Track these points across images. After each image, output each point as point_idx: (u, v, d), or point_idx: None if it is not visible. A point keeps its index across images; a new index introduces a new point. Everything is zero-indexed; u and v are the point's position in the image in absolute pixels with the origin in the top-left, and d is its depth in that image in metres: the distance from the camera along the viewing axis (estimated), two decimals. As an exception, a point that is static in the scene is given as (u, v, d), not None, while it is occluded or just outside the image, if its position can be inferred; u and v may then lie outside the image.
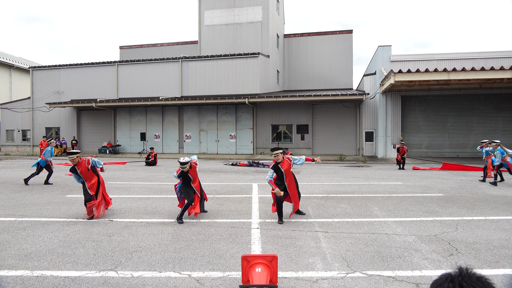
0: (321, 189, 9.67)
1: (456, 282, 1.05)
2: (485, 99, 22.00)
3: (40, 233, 5.29)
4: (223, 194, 8.88)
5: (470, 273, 1.07)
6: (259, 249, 4.58)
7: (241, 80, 25.07)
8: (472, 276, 1.06)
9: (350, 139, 24.28)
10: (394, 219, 6.18)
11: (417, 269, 3.88)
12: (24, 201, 7.91)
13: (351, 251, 4.48)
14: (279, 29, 31.26)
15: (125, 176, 12.95)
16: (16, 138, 29.95)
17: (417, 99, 22.52)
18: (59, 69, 28.65)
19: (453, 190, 9.39)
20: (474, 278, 1.06)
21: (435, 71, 17.70)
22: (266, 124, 25.36)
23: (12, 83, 35.38)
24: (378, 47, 22.46)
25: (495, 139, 22.02)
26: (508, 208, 7.05)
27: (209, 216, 6.41)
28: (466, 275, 1.07)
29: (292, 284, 3.51)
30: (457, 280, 1.06)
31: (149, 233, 5.28)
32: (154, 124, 27.10)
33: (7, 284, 3.48)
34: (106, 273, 3.77)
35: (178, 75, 26.22)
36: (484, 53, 21.37)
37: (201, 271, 3.82)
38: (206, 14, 29.08)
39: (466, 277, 1.06)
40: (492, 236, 5.09)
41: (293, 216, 6.40)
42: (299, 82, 31.95)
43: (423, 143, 22.71)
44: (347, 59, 31.31)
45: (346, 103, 23.86)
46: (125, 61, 27.60)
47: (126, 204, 7.55)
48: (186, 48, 33.08)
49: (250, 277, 3.21)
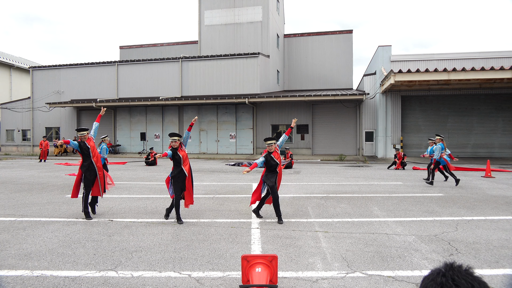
0: (321, 189, 9.67)
1: (448, 276, 1.10)
2: (485, 99, 22.00)
3: (40, 233, 5.29)
4: (223, 194, 8.88)
5: (459, 267, 1.13)
6: (259, 249, 4.58)
7: (241, 80, 25.06)
8: (461, 270, 1.12)
9: (350, 139, 24.28)
10: (394, 219, 6.19)
11: (417, 269, 3.88)
12: (24, 201, 7.91)
13: (351, 251, 4.48)
14: (279, 29, 31.26)
15: (125, 176, 12.94)
16: (16, 138, 29.95)
17: (417, 99, 22.51)
18: (59, 69, 28.65)
19: (453, 190, 9.40)
20: (463, 271, 1.12)
21: (435, 71, 17.70)
22: (266, 124, 25.36)
23: (12, 83, 35.37)
24: (378, 47, 22.46)
25: (495, 139, 22.14)
26: (508, 208, 7.05)
27: (209, 216, 6.41)
28: (456, 268, 1.13)
29: (292, 284, 3.51)
30: (449, 274, 1.11)
31: (149, 233, 5.28)
32: (154, 124, 27.09)
33: (7, 284, 3.48)
34: (106, 273, 3.77)
35: (178, 75, 26.22)
36: (484, 53, 21.37)
37: (201, 271, 3.82)
38: (206, 14, 29.08)
39: (456, 270, 1.11)
40: (492, 236, 5.09)
41: (293, 216, 6.41)
42: (299, 82, 31.94)
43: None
44: (347, 59, 31.31)
45: (346, 103, 23.86)
46: (125, 61, 27.60)
47: (126, 204, 7.55)
48: (186, 48, 33.08)
49: (250, 277, 3.21)
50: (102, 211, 6.81)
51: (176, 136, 6.06)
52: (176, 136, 6.05)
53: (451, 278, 1.09)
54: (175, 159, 6.01)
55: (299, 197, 8.39)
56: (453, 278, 1.08)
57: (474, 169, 14.77)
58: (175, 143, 6.03)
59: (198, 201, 7.84)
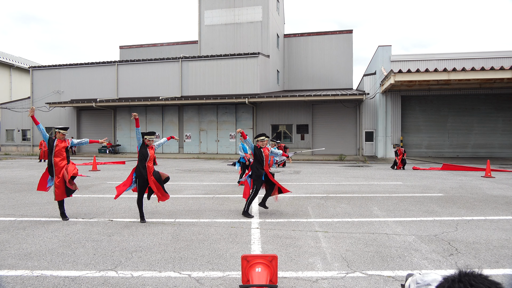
0: (321, 189, 9.67)
1: (466, 282, 1.10)
2: (485, 99, 22.00)
3: (40, 233, 5.28)
4: (223, 194, 8.87)
5: (474, 273, 1.13)
6: (259, 249, 4.58)
7: (241, 80, 25.06)
8: (476, 274, 1.12)
9: (350, 139, 24.28)
10: (394, 219, 6.18)
11: (417, 269, 3.88)
12: (24, 201, 7.91)
13: (351, 251, 4.48)
14: (279, 29, 31.26)
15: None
16: (16, 138, 29.95)
17: (417, 99, 22.51)
18: (59, 69, 28.65)
19: (453, 190, 9.39)
20: (479, 276, 1.11)
21: (435, 71, 17.70)
22: (266, 124, 25.36)
23: (12, 83, 35.37)
24: (378, 47, 22.46)
25: (494, 139, 22.15)
26: (508, 208, 7.05)
27: (209, 216, 6.41)
28: (471, 274, 1.12)
29: (292, 284, 3.50)
30: (465, 279, 1.10)
31: (149, 233, 5.28)
32: (154, 124, 27.09)
33: (7, 284, 3.48)
34: (106, 273, 3.77)
35: (178, 75, 26.22)
36: (484, 53, 21.37)
37: (201, 271, 3.82)
38: (206, 14, 29.08)
39: (472, 276, 1.11)
40: (492, 236, 5.09)
41: (293, 216, 6.41)
42: (299, 82, 31.94)
43: (423, 143, 22.71)
44: (347, 59, 31.30)
45: (346, 103, 23.86)
46: (125, 61, 27.60)
47: (126, 204, 7.55)
48: (186, 48, 33.08)
49: (250, 277, 3.21)
50: (102, 211, 6.81)
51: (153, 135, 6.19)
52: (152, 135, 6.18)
53: (469, 283, 1.08)
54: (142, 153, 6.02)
55: (299, 197, 8.39)
56: (471, 284, 1.08)
57: (474, 169, 14.76)
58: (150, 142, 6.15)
59: (198, 201, 7.85)
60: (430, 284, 1.57)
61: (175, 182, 11.13)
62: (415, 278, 1.68)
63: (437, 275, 1.60)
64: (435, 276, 1.60)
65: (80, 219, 6.18)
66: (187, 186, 10.27)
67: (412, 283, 1.67)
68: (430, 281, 1.58)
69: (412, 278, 1.71)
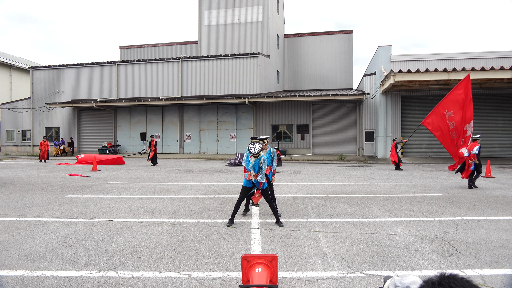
0: (321, 189, 9.67)
1: (446, 285, 1.10)
2: (485, 99, 21.99)
3: (40, 233, 5.29)
4: (223, 194, 8.88)
5: (455, 275, 1.13)
6: (259, 249, 4.58)
7: (241, 80, 25.07)
8: (458, 278, 1.12)
9: (350, 139, 24.28)
10: (394, 219, 6.18)
11: (417, 269, 3.88)
12: (24, 201, 7.91)
13: (351, 251, 4.48)
14: (279, 29, 31.26)
15: (125, 176, 12.94)
16: (16, 138, 29.95)
17: (417, 99, 22.51)
18: (59, 69, 28.65)
19: (453, 190, 9.40)
20: (460, 279, 1.12)
21: (435, 71, 17.71)
22: (266, 124, 25.36)
23: (12, 83, 35.38)
24: (378, 47, 22.46)
25: (495, 139, 22.14)
26: (508, 208, 7.05)
27: (209, 216, 6.41)
28: (452, 277, 1.13)
29: (292, 284, 3.51)
30: (446, 282, 1.11)
31: (149, 233, 5.28)
32: (154, 124, 27.10)
33: (7, 284, 3.48)
34: (106, 273, 3.77)
35: (178, 75, 26.22)
36: (484, 53, 21.37)
37: (201, 271, 3.82)
38: (206, 14, 29.08)
39: (452, 279, 1.12)
40: (492, 236, 5.09)
41: (293, 216, 6.41)
42: (299, 82, 31.94)
43: (423, 143, 22.69)
44: (347, 59, 31.31)
45: (346, 103, 23.86)
46: (125, 61, 27.60)
47: (126, 204, 7.55)
48: (186, 48, 33.08)
49: (250, 277, 3.21)
50: (102, 211, 6.81)
51: None
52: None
53: (449, 286, 1.09)
54: None
55: (299, 197, 8.39)
56: (451, 286, 1.08)
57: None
58: None
59: (198, 201, 7.85)
60: (409, 287, 1.55)
61: (175, 182, 11.14)
62: (394, 280, 1.66)
63: (416, 277, 1.58)
64: (414, 278, 1.57)
65: (80, 219, 6.18)
66: (187, 186, 10.27)
67: (390, 286, 1.65)
68: (409, 283, 1.56)
69: (391, 280, 1.69)
